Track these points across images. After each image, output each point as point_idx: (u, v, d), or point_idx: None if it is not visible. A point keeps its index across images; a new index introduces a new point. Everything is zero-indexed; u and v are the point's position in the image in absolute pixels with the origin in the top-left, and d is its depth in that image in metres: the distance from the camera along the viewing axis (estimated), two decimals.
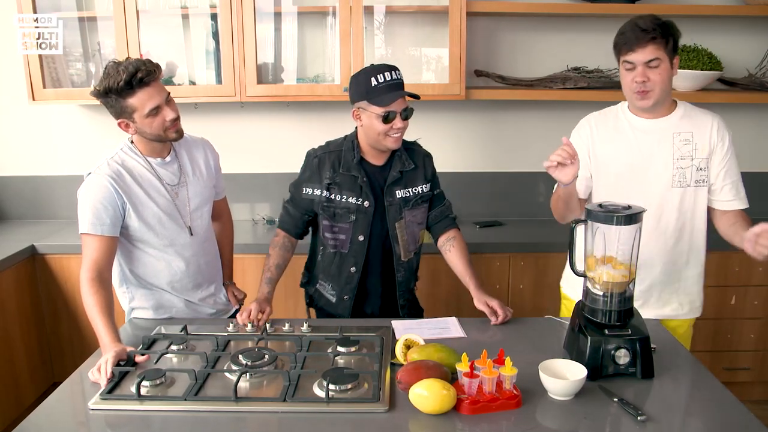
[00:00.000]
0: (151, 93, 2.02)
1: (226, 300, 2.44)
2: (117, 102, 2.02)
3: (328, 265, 2.37)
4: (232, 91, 3.26)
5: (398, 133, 2.19)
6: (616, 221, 1.74)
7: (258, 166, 3.65)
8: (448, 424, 1.56)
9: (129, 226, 2.12)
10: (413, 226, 2.35)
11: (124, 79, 1.96)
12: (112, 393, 1.69)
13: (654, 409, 1.61)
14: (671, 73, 2.08)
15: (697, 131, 2.14)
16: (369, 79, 2.13)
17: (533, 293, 3.27)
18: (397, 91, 2.14)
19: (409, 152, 2.34)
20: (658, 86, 2.05)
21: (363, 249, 2.31)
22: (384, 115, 2.13)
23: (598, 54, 3.52)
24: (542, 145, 3.67)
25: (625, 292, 1.80)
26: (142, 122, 2.05)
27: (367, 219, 2.28)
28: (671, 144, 2.14)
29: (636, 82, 2.06)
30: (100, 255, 2.03)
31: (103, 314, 1.94)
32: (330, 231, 2.32)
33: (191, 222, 2.24)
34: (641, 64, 2.04)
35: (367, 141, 2.25)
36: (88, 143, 3.66)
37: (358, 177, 2.25)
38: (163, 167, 2.19)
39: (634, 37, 2.03)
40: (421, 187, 2.34)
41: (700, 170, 2.14)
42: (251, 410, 1.62)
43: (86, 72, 3.46)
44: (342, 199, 2.27)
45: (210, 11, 3.28)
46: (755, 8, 3.29)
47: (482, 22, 3.51)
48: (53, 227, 3.54)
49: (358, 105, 2.19)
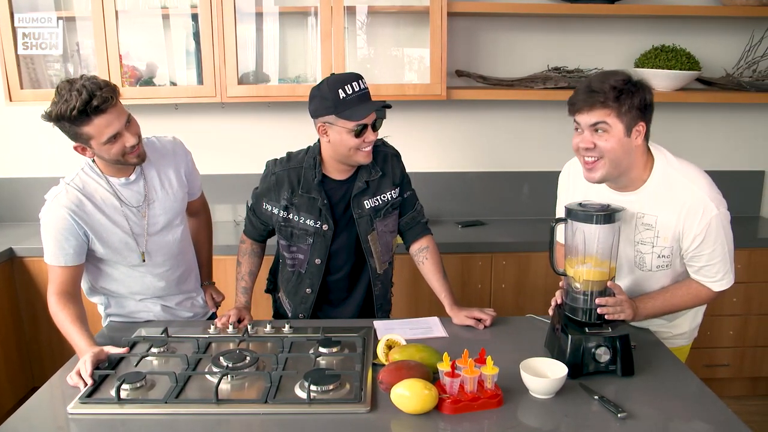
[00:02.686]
0: (109, 120, 1.86)
1: (203, 303, 2.41)
2: (71, 128, 1.87)
3: (287, 280, 2.31)
4: (212, 91, 3.24)
5: (369, 147, 2.06)
6: (596, 220, 1.76)
7: (239, 167, 3.63)
8: (430, 424, 1.56)
9: (95, 251, 2.07)
10: (386, 236, 2.26)
11: (77, 108, 1.80)
12: (91, 397, 1.67)
13: (634, 407, 1.62)
14: (627, 142, 1.77)
15: (663, 215, 1.85)
16: (336, 92, 1.97)
17: (515, 293, 3.28)
18: (368, 103, 2.01)
19: (376, 154, 2.18)
20: (606, 156, 1.77)
21: (320, 272, 2.22)
22: (356, 129, 2.00)
23: (578, 54, 3.55)
24: (523, 145, 3.71)
25: (605, 291, 1.82)
26: (99, 149, 1.91)
27: (325, 243, 2.17)
28: (632, 225, 1.90)
29: (580, 147, 1.82)
30: (65, 280, 2.02)
31: (75, 323, 1.94)
32: (288, 251, 2.24)
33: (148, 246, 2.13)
34: (587, 128, 1.79)
35: (334, 157, 2.10)
36: (67, 144, 3.60)
37: (318, 200, 2.13)
38: (127, 187, 2.07)
39: (582, 97, 1.78)
40: (390, 193, 2.22)
41: (662, 257, 1.91)
42: (232, 412, 1.61)
43: (65, 73, 3.42)
44: (300, 221, 2.16)
45: (191, 11, 3.26)
46: (732, 9, 3.32)
47: (463, 23, 3.52)
48: (32, 230, 3.48)
49: (324, 120, 2.03)
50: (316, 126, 2.08)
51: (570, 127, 1.88)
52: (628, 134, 1.76)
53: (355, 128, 1.99)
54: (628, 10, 3.33)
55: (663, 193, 1.85)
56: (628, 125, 1.75)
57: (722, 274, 1.90)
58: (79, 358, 1.86)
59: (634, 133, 1.77)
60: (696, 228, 1.82)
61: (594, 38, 3.55)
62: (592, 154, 1.80)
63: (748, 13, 3.30)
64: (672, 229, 1.85)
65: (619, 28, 3.55)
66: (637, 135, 1.78)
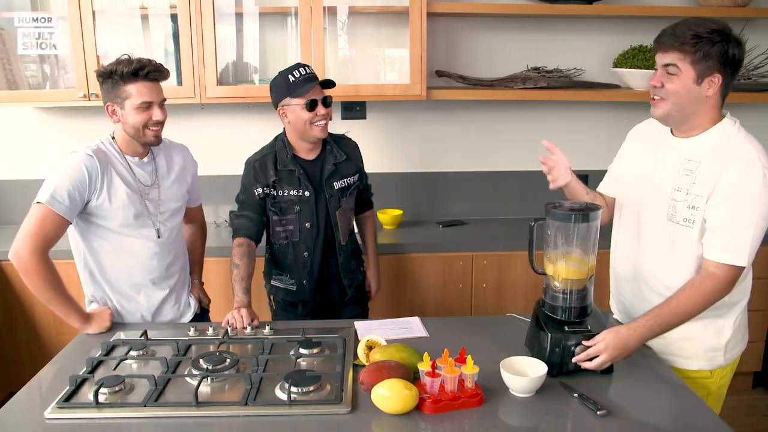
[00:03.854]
0: (150, 88, 2.10)
1: (188, 304, 2.41)
2: (116, 84, 2.07)
3: (282, 257, 2.52)
4: (192, 92, 3.22)
5: (323, 121, 2.36)
6: (574, 219, 1.77)
7: (219, 168, 3.60)
8: (411, 424, 1.56)
9: (96, 214, 2.11)
10: (347, 212, 2.57)
11: (134, 67, 2.06)
12: (69, 401, 1.65)
13: (613, 404, 1.64)
14: (696, 90, 1.76)
15: (707, 164, 1.80)
16: (287, 77, 2.33)
17: (496, 292, 3.29)
18: (313, 82, 2.33)
19: (339, 144, 2.52)
20: (670, 97, 1.79)
21: (312, 234, 2.48)
22: (307, 103, 2.31)
23: (558, 54, 3.57)
24: (503, 145, 3.73)
25: (584, 289, 1.83)
26: (129, 112, 2.09)
27: (310, 207, 2.45)
28: (676, 171, 1.88)
29: (650, 84, 1.85)
30: (50, 232, 2.01)
31: (66, 295, 2.07)
32: (280, 225, 2.47)
33: (159, 224, 2.24)
34: (660, 67, 1.83)
35: (296, 135, 2.42)
36: (44, 147, 3.58)
37: (295, 170, 2.42)
38: (139, 167, 2.22)
39: (664, 37, 1.80)
40: (354, 176, 2.56)
41: (692, 208, 1.83)
42: (212, 415, 1.60)
43: (41, 74, 3.38)
44: (285, 194, 2.43)
45: (169, 12, 3.23)
46: (707, 9, 3.36)
47: (443, 23, 3.53)
48: (8, 233, 3.41)
49: (282, 104, 2.37)
50: (278, 114, 2.42)
51: (549, 129, 1.89)
52: (699, 82, 1.76)
53: (306, 103, 2.31)
54: (606, 11, 3.35)
55: (716, 144, 1.81)
56: (701, 73, 1.75)
57: (737, 245, 1.76)
58: (83, 330, 2.11)
59: (706, 83, 1.76)
60: (736, 175, 1.74)
61: (573, 38, 3.58)
62: (658, 93, 1.83)
63: (723, 13, 3.33)
64: (712, 179, 1.77)
65: (598, 28, 3.57)
66: (710, 85, 1.76)
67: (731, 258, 1.77)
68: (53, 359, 1.95)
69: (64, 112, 3.50)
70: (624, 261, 2.09)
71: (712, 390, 1.98)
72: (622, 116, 3.63)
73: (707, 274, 1.80)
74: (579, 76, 3.56)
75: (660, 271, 1.94)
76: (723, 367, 1.97)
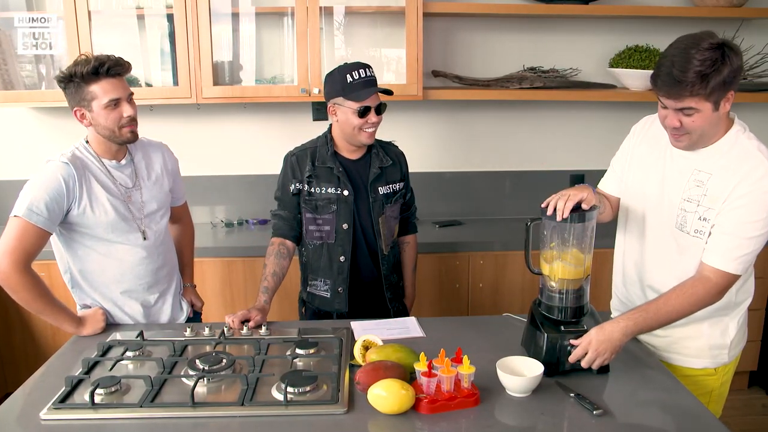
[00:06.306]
0: (115, 84, 2.03)
1: (180, 307, 2.39)
2: (78, 87, 2.01)
3: (316, 260, 2.40)
4: (188, 92, 3.22)
5: (372, 128, 2.29)
6: (570, 220, 1.77)
7: (216, 168, 3.61)
8: (407, 424, 1.56)
9: (78, 223, 2.06)
10: (391, 220, 2.45)
11: (92, 65, 1.98)
12: (64, 402, 1.65)
13: (610, 404, 1.64)
14: (715, 115, 1.71)
15: (719, 175, 1.78)
16: (344, 76, 2.23)
17: (492, 292, 3.30)
18: (371, 87, 2.24)
19: (385, 149, 2.45)
20: (695, 132, 1.73)
21: (349, 237, 2.36)
22: (360, 109, 2.22)
23: (554, 54, 3.57)
24: (499, 144, 3.73)
25: (580, 289, 1.83)
26: (98, 113, 2.02)
27: (349, 207, 2.34)
28: (685, 180, 1.85)
29: (667, 125, 1.78)
30: (30, 245, 1.96)
31: (55, 302, 2.04)
32: (314, 223, 2.37)
33: (145, 227, 2.20)
34: (672, 110, 1.73)
35: (342, 136, 2.33)
36: (39, 147, 3.57)
37: (334, 168, 2.33)
38: (118, 170, 2.16)
39: (666, 85, 1.68)
40: (399, 183, 2.46)
41: (703, 220, 1.80)
42: (209, 415, 1.60)
43: (37, 74, 3.38)
44: (321, 191, 2.34)
45: (166, 12, 3.23)
46: (703, 9, 3.37)
47: (439, 23, 3.53)
48: None
49: (333, 101, 2.28)
50: (327, 108, 2.33)
51: (545, 129, 1.89)
52: (717, 108, 1.70)
53: (359, 108, 2.22)
54: (602, 11, 3.36)
55: (727, 155, 1.78)
56: (717, 101, 1.68)
57: (737, 254, 1.75)
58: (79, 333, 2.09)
59: (723, 104, 1.70)
60: (748, 187, 1.72)
61: (569, 38, 3.59)
62: (679, 131, 1.76)
63: (718, 13, 3.35)
64: (724, 191, 1.75)
65: (594, 28, 3.58)
66: (725, 103, 1.71)
67: (728, 266, 1.76)
68: (49, 360, 1.94)
69: (59, 112, 3.49)
70: (629, 265, 2.07)
71: (716, 387, 1.99)
72: (618, 116, 3.64)
73: (701, 277, 1.79)
74: (575, 76, 3.57)
75: (666, 276, 1.92)
76: (726, 364, 1.99)
